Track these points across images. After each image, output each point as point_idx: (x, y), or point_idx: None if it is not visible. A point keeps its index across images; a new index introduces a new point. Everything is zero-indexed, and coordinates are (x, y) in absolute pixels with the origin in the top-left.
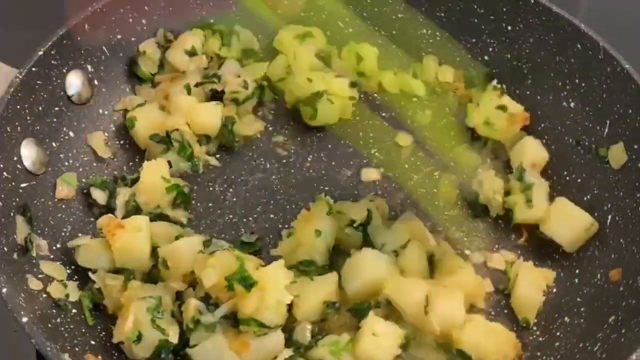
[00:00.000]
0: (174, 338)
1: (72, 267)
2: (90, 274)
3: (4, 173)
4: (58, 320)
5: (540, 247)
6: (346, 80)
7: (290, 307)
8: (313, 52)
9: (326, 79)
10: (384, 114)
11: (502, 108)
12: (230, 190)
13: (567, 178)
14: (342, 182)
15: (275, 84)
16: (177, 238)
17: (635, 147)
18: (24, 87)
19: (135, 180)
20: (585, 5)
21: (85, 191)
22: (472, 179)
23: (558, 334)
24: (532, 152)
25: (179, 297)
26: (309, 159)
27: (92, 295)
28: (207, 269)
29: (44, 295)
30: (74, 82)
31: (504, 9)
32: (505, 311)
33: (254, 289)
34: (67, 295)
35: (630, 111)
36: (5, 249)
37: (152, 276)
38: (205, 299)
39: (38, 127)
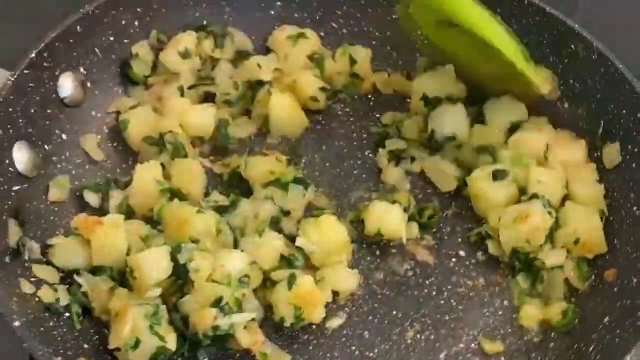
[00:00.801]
0: (171, 345)
1: (64, 270)
2: (75, 277)
3: None
4: (51, 324)
5: None
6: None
7: None
8: (306, 53)
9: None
10: (378, 115)
11: None
12: None
13: None
14: (336, 183)
15: None
16: (145, 239)
17: (629, 147)
18: (17, 90)
19: (128, 183)
20: (582, 6)
21: (78, 194)
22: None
23: (553, 335)
24: None
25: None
26: (304, 161)
27: (79, 299)
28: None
29: (37, 299)
30: (67, 85)
31: (499, 10)
32: None
33: None
34: (57, 300)
35: (624, 112)
36: None
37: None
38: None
39: (31, 130)
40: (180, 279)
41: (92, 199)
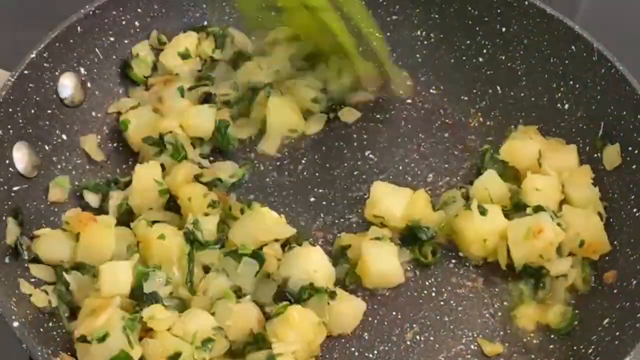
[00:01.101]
0: (135, 355)
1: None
2: (64, 274)
3: None
4: (50, 324)
5: None
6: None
7: None
8: (301, 55)
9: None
10: (378, 116)
11: None
12: None
13: None
14: (335, 184)
15: None
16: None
17: (630, 148)
18: (16, 90)
19: (128, 184)
20: (584, 7)
21: (78, 194)
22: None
23: (552, 336)
24: None
25: None
26: (303, 162)
27: (67, 300)
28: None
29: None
30: (67, 85)
31: (498, 11)
32: None
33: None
34: (50, 302)
35: (624, 113)
36: None
37: None
38: None
39: (30, 130)
40: (139, 305)
41: (92, 199)
